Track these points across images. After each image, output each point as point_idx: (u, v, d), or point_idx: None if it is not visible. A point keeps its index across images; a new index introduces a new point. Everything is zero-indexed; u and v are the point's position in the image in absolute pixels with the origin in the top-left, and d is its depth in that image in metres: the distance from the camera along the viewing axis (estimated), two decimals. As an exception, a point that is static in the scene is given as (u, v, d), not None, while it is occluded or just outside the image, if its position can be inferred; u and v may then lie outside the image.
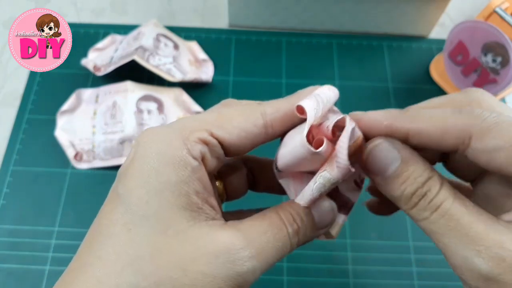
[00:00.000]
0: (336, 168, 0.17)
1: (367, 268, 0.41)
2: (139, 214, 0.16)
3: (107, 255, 0.16)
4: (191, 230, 0.16)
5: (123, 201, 0.16)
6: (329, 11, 0.52)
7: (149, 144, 0.17)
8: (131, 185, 0.16)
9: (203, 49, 0.52)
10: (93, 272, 0.16)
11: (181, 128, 0.17)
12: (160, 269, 0.15)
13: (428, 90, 0.51)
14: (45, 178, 0.44)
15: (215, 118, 0.18)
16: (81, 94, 0.48)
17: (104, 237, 0.16)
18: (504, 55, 0.41)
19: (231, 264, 0.16)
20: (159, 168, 0.16)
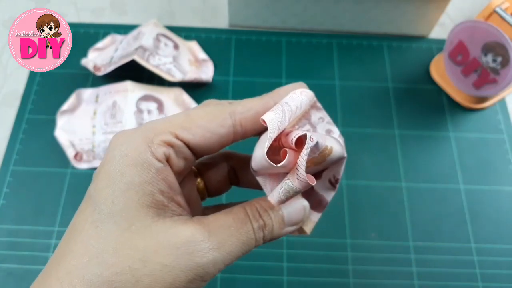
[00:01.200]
0: (297, 180, 0.17)
1: (367, 268, 0.41)
2: (106, 212, 0.17)
3: (77, 249, 0.17)
4: (154, 225, 0.17)
5: (93, 201, 0.18)
6: (329, 11, 0.52)
7: (118, 147, 0.18)
8: (100, 186, 0.18)
9: (203, 49, 0.52)
10: (65, 264, 0.17)
11: (147, 131, 0.18)
12: (121, 260, 0.17)
13: (428, 90, 0.51)
14: (45, 178, 0.44)
15: (182, 120, 0.19)
16: (81, 94, 0.48)
17: (76, 233, 0.18)
18: (504, 55, 0.41)
19: (190, 255, 0.17)
20: (123, 170, 0.18)
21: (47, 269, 0.18)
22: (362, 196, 0.45)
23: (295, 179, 0.17)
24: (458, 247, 0.43)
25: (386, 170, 0.46)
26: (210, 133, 0.19)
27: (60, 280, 0.17)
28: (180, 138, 0.18)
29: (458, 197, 0.45)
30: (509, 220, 0.44)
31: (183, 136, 0.18)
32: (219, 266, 0.18)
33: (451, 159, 0.47)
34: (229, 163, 0.23)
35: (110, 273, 0.16)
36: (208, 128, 0.19)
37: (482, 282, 0.41)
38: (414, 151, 0.47)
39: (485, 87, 0.45)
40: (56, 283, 0.17)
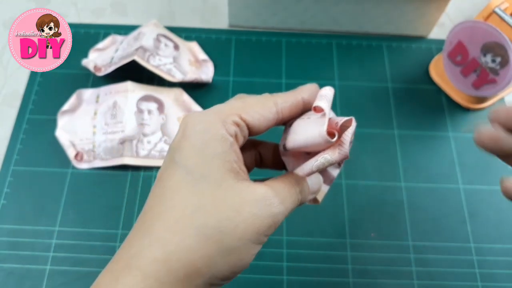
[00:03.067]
0: (337, 154, 0.22)
1: (366, 268, 0.41)
2: (199, 175, 0.21)
3: (177, 205, 0.20)
4: (236, 185, 0.21)
5: (182, 167, 0.21)
6: (329, 12, 0.52)
7: (197, 125, 0.22)
8: (188, 155, 0.21)
9: (203, 50, 0.52)
10: (167, 217, 0.20)
11: (218, 112, 0.23)
12: (220, 211, 0.20)
13: (428, 90, 0.51)
14: (46, 178, 0.44)
15: (241, 105, 0.23)
16: (82, 94, 0.48)
17: (172, 192, 0.21)
18: (504, 55, 0.41)
19: (269, 207, 0.21)
20: (208, 142, 0.21)
21: (146, 224, 0.21)
22: (361, 196, 0.45)
23: (335, 153, 0.22)
24: (458, 247, 0.43)
25: (386, 170, 0.46)
26: (262, 117, 0.23)
27: (170, 229, 0.20)
28: (243, 119, 0.23)
29: (458, 197, 0.45)
30: (508, 220, 0.44)
31: (245, 117, 0.23)
32: (283, 217, 0.22)
33: (451, 159, 0.47)
34: (255, 149, 0.27)
35: (214, 221, 0.20)
36: (261, 113, 0.23)
37: (481, 281, 0.41)
38: (413, 151, 0.47)
39: (485, 87, 0.45)
40: (164, 232, 0.20)
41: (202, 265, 0.20)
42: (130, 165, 0.44)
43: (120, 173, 0.45)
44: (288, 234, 0.43)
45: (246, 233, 0.20)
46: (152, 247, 0.20)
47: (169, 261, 0.19)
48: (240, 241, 0.20)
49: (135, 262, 0.20)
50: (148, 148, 0.45)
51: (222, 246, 0.20)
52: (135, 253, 0.20)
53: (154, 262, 0.19)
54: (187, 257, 0.20)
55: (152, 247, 0.20)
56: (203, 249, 0.20)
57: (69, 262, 0.41)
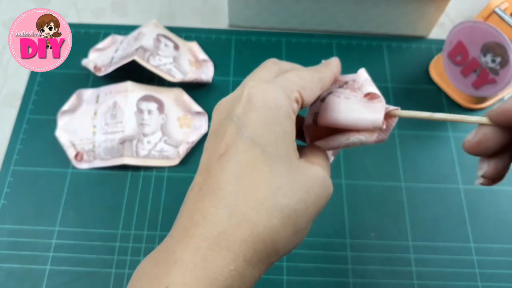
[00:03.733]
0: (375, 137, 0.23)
1: (366, 268, 0.41)
2: (273, 154, 0.21)
3: (260, 184, 0.20)
4: (302, 166, 0.22)
5: (257, 144, 0.21)
6: (328, 12, 0.52)
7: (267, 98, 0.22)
8: (260, 131, 0.21)
9: (203, 50, 0.52)
10: (251, 196, 0.20)
11: (284, 88, 0.22)
12: (296, 193, 0.21)
13: (428, 90, 0.51)
14: (46, 178, 0.44)
15: (300, 82, 0.23)
16: (82, 94, 0.48)
17: (251, 171, 0.21)
18: (504, 55, 0.41)
19: (326, 188, 0.23)
20: (280, 120, 0.21)
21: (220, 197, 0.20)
22: (361, 196, 0.45)
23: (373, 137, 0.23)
24: (458, 247, 0.43)
25: (386, 170, 0.46)
26: (313, 96, 0.24)
27: (254, 209, 0.20)
28: (302, 96, 0.23)
29: (458, 197, 0.45)
30: (508, 220, 0.44)
31: (303, 94, 0.23)
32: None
33: (451, 159, 0.47)
34: None
35: (293, 203, 0.21)
36: (313, 91, 0.24)
37: (481, 281, 0.41)
38: (413, 151, 0.47)
39: (484, 87, 0.45)
40: (250, 212, 0.20)
41: (281, 246, 0.20)
42: (130, 165, 0.44)
43: (120, 173, 0.45)
44: (288, 234, 0.43)
45: (312, 214, 0.22)
46: (240, 228, 0.19)
47: (256, 242, 0.20)
48: (308, 222, 0.21)
49: (224, 242, 0.19)
50: (148, 148, 0.45)
51: (297, 227, 0.21)
52: (221, 232, 0.19)
53: (243, 243, 0.19)
54: (272, 238, 0.20)
55: (240, 228, 0.19)
56: (284, 230, 0.20)
57: (69, 262, 0.41)
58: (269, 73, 0.24)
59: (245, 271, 0.19)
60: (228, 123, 0.21)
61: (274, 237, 0.20)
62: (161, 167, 0.45)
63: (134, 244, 0.42)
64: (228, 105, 0.23)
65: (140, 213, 0.43)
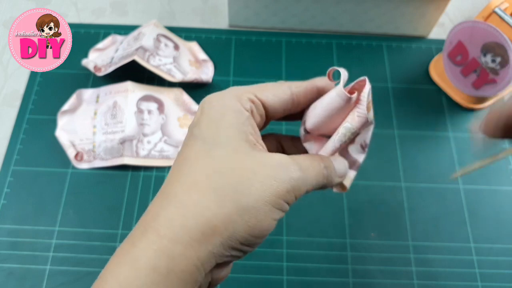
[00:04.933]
0: (356, 118, 0.23)
1: (366, 268, 0.41)
2: (215, 143, 0.22)
3: (195, 170, 0.21)
4: (252, 152, 0.22)
5: (199, 138, 0.22)
6: (328, 12, 0.52)
7: (213, 102, 0.23)
8: (205, 127, 0.22)
9: (203, 50, 0.52)
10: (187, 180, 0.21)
11: (234, 91, 0.24)
12: (238, 173, 0.21)
13: (428, 90, 0.51)
14: (46, 178, 0.44)
15: (256, 87, 0.25)
16: (82, 94, 0.48)
17: (190, 160, 0.22)
18: (504, 55, 0.41)
19: (287, 171, 0.22)
20: (224, 113, 0.22)
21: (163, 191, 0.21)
22: (361, 196, 0.45)
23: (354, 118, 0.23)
24: (458, 247, 0.43)
25: (386, 170, 0.46)
26: (276, 97, 0.24)
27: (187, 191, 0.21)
28: (258, 98, 0.24)
29: (458, 197, 0.45)
30: (508, 220, 0.44)
31: (260, 96, 0.24)
32: (306, 185, 0.22)
33: (451, 159, 0.47)
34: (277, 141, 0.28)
35: (233, 182, 0.21)
36: (276, 94, 0.24)
37: (481, 281, 0.41)
38: (413, 151, 0.47)
39: (484, 87, 0.45)
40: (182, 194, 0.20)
41: (219, 223, 0.20)
42: (130, 165, 0.44)
43: (120, 173, 0.45)
44: (288, 234, 0.43)
45: (263, 194, 0.21)
46: (168, 209, 0.20)
47: (185, 220, 0.20)
48: (257, 201, 0.21)
49: (151, 226, 0.20)
50: (148, 148, 0.45)
51: (239, 205, 0.20)
52: (151, 218, 0.20)
53: (169, 222, 0.20)
54: (204, 215, 0.20)
55: (168, 209, 0.20)
56: (220, 207, 0.20)
57: (69, 262, 0.41)
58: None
59: (173, 250, 0.19)
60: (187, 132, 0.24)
61: (206, 214, 0.20)
62: (161, 167, 0.45)
63: (134, 244, 0.42)
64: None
65: (140, 213, 0.43)
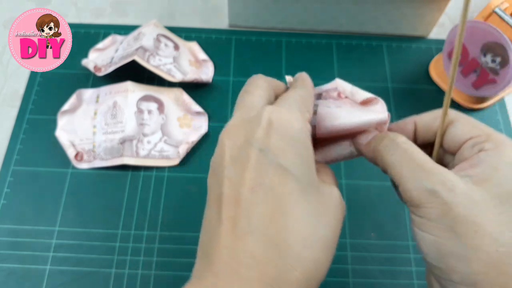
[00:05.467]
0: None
1: (366, 268, 0.41)
2: (306, 182, 0.21)
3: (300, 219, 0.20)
4: (323, 189, 0.22)
5: (289, 172, 0.20)
6: (328, 12, 0.52)
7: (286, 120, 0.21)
8: (290, 158, 0.20)
9: (203, 50, 0.52)
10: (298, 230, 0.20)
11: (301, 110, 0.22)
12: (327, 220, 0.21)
13: (428, 90, 0.51)
14: (46, 178, 0.44)
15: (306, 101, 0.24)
16: (82, 94, 0.48)
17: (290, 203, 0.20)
18: (504, 55, 0.41)
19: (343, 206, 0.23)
20: (306, 144, 0.21)
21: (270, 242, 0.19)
22: (362, 195, 0.45)
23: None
24: (458, 247, 0.43)
25: (386, 170, 0.46)
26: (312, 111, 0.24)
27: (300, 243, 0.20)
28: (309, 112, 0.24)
29: (458, 197, 0.45)
30: (508, 220, 0.44)
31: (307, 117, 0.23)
32: None
33: (451, 159, 0.47)
34: None
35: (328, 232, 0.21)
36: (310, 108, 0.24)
37: (481, 281, 0.41)
38: (413, 151, 0.47)
39: (484, 87, 0.45)
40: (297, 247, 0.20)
41: (323, 276, 0.21)
42: (130, 165, 0.44)
43: (120, 173, 0.45)
44: (288, 234, 0.43)
45: (336, 236, 0.21)
46: (293, 269, 0.19)
47: (308, 280, 0.20)
48: (335, 244, 0.21)
49: (280, 284, 0.19)
50: (148, 148, 0.45)
51: (333, 254, 0.21)
52: (277, 275, 0.19)
53: (298, 284, 0.19)
54: (321, 273, 0.20)
55: (293, 269, 0.19)
56: (328, 261, 0.21)
57: (69, 262, 0.41)
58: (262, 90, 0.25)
59: None
60: (249, 149, 0.20)
61: (321, 270, 0.20)
62: (161, 167, 0.45)
63: (134, 244, 0.42)
64: (242, 129, 0.21)
65: (140, 213, 0.43)
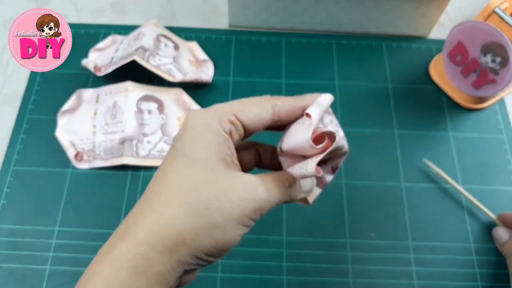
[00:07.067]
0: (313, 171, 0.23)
1: (366, 268, 0.41)
2: (195, 159, 0.23)
3: (174, 184, 0.23)
4: (227, 171, 0.24)
5: (181, 153, 0.24)
6: (328, 12, 0.52)
7: (196, 120, 0.25)
8: (186, 143, 0.24)
9: (203, 50, 0.52)
10: (164, 194, 0.23)
11: (217, 111, 0.25)
12: (210, 191, 0.23)
13: (428, 90, 0.51)
14: (46, 178, 0.44)
15: (239, 106, 0.25)
16: (82, 94, 0.48)
17: (171, 174, 0.23)
18: (504, 55, 0.41)
19: (254, 192, 0.24)
20: (205, 133, 0.24)
21: (143, 201, 0.24)
22: (361, 196, 0.45)
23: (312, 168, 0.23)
24: (458, 247, 0.43)
25: (386, 170, 0.46)
26: (257, 117, 0.25)
27: (164, 204, 0.22)
28: (238, 119, 0.25)
29: (458, 196, 0.45)
30: (508, 220, 0.44)
31: (241, 117, 0.25)
32: (270, 204, 0.24)
33: (451, 159, 0.47)
34: (256, 149, 0.29)
35: (204, 199, 0.22)
36: (257, 114, 0.25)
37: (481, 281, 0.41)
38: (413, 151, 0.47)
39: (484, 87, 0.45)
40: (159, 206, 0.22)
41: (188, 236, 0.22)
42: (130, 165, 0.44)
43: (120, 173, 0.45)
44: (288, 234, 0.43)
45: (231, 212, 0.23)
46: (146, 218, 0.22)
47: (160, 230, 0.22)
48: (225, 219, 0.23)
49: (131, 231, 0.22)
50: (148, 148, 0.45)
51: (208, 221, 0.22)
52: (131, 224, 0.23)
53: (147, 230, 0.22)
54: (176, 228, 0.22)
55: (146, 218, 0.22)
56: (190, 222, 0.22)
57: (69, 262, 0.41)
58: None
59: (150, 255, 0.21)
60: (170, 146, 0.25)
61: (178, 227, 0.22)
62: (161, 167, 0.45)
63: (134, 244, 0.42)
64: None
65: (140, 213, 0.43)
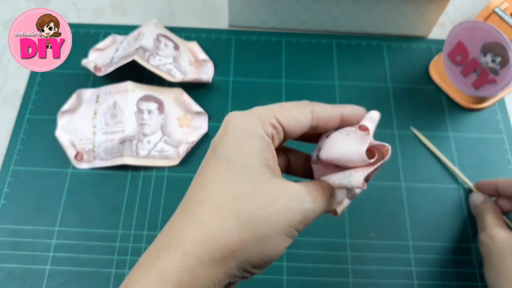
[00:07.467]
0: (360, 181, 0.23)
1: (366, 268, 0.41)
2: (239, 166, 0.23)
3: (218, 192, 0.22)
4: (272, 180, 0.23)
5: (224, 158, 0.23)
6: (329, 12, 0.52)
7: (238, 123, 0.24)
8: (229, 149, 0.23)
9: (203, 50, 0.52)
10: (209, 203, 0.22)
11: (259, 113, 0.24)
12: (258, 200, 0.22)
13: (428, 90, 0.51)
14: (46, 178, 0.44)
15: (280, 109, 0.25)
16: (82, 94, 0.48)
17: (213, 181, 0.23)
18: (504, 55, 0.41)
19: (300, 202, 0.23)
20: (248, 138, 0.23)
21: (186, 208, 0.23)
22: (361, 196, 0.44)
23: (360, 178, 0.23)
24: (457, 247, 0.43)
25: (386, 170, 0.46)
26: (297, 122, 0.25)
27: (211, 213, 0.21)
28: (280, 122, 0.24)
29: (458, 196, 0.45)
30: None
31: (282, 121, 0.24)
32: (314, 215, 0.23)
33: (451, 159, 0.47)
34: (285, 155, 0.29)
35: (251, 208, 0.22)
36: (297, 118, 0.25)
37: (481, 282, 0.41)
38: (413, 151, 0.47)
39: (484, 87, 0.45)
40: (205, 216, 0.21)
41: (237, 248, 0.21)
42: (130, 165, 0.44)
43: (120, 173, 0.45)
44: (288, 234, 0.43)
45: (278, 223, 0.22)
46: (193, 229, 0.21)
47: (208, 242, 0.21)
48: (272, 230, 0.22)
49: (177, 242, 0.21)
50: (148, 148, 0.45)
51: (256, 233, 0.21)
52: (176, 234, 0.22)
53: (194, 242, 0.21)
54: (225, 239, 0.21)
55: (193, 229, 0.21)
56: (239, 233, 0.21)
57: (69, 262, 0.41)
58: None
59: (196, 268, 0.20)
60: (209, 149, 0.24)
61: (227, 239, 0.21)
62: (161, 167, 0.45)
63: (134, 244, 0.42)
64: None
65: (140, 213, 0.43)
